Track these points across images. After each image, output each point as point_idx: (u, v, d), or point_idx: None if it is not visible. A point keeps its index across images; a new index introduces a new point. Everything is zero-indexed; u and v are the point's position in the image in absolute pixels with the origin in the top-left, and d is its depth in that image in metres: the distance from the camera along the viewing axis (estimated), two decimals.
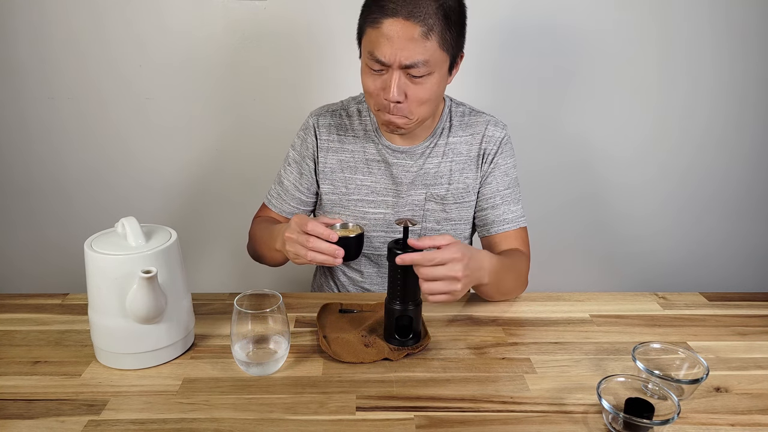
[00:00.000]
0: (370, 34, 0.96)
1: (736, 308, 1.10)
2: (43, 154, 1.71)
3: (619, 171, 1.83)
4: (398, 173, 1.14)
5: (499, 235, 1.15)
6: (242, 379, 0.85)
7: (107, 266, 0.82)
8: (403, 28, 0.92)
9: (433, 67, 0.97)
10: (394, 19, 0.93)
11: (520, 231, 1.16)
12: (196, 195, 1.78)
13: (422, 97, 0.99)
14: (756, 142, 1.81)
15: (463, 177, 1.15)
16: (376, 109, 1.04)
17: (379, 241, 1.18)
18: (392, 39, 0.93)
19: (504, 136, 1.16)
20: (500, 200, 1.15)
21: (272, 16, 1.60)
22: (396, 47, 0.93)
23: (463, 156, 1.15)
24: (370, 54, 0.97)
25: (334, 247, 0.92)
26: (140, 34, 1.60)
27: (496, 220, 1.15)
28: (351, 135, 1.16)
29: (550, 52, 1.67)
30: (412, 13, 0.92)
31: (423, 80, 0.98)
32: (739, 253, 1.94)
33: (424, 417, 0.77)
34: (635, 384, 0.79)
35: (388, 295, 0.93)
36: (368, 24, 0.96)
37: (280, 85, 1.67)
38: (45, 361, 0.88)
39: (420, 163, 1.14)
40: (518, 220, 1.16)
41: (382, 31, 0.94)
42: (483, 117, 1.17)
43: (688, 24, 1.67)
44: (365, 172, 1.15)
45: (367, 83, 1.01)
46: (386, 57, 0.95)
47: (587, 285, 1.92)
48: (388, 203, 1.15)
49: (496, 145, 1.15)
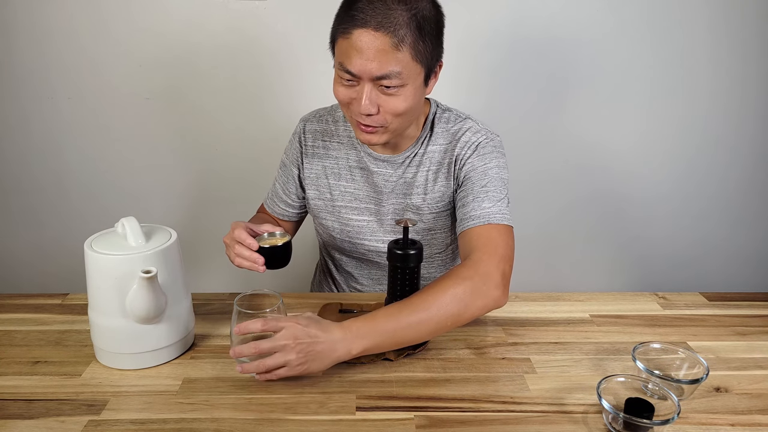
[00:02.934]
0: (341, 44, 0.93)
1: (736, 308, 1.10)
2: (43, 153, 1.71)
3: (619, 172, 1.83)
4: (379, 181, 1.12)
5: (463, 232, 1.00)
6: (242, 379, 0.85)
7: (107, 266, 0.82)
8: (373, 39, 0.89)
9: (406, 79, 0.93)
10: (364, 29, 0.89)
11: (488, 228, 0.97)
12: (196, 195, 1.78)
13: (396, 109, 0.95)
14: (756, 142, 1.81)
15: (438, 186, 1.10)
16: (351, 119, 1.01)
17: (365, 248, 1.16)
18: (362, 50, 0.89)
19: (481, 140, 1.07)
20: (471, 198, 1.03)
21: (272, 16, 1.60)
22: (365, 58, 0.90)
23: (436, 164, 1.09)
24: (340, 65, 0.93)
25: (255, 255, 0.95)
26: (140, 33, 1.60)
27: (463, 217, 1.02)
28: (336, 141, 1.14)
29: (552, 55, 1.67)
30: (381, 24, 0.88)
31: (396, 92, 0.93)
32: (739, 253, 1.94)
33: (424, 417, 0.77)
34: (635, 384, 0.79)
35: (388, 295, 0.93)
36: (339, 33, 0.93)
37: (281, 85, 1.67)
38: (45, 361, 0.89)
39: (399, 173, 1.11)
40: (491, 217, 0.99)
41: (351, 41, 0.90)
42: (466, 123, 1.10)
43: (686, 26, 1.66)
44: (348, 179, 1.14)
45: (339, 93, 0.98)
46: (356, 69, 0.91)
47: (587, 285, 1.92)
48: (371, 210, 1.14)
49: (471, 149, 1.07)
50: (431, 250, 1.17)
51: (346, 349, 0.82)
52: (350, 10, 0.90)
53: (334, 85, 0.99)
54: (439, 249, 1.18)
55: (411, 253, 0.89)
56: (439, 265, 1.21)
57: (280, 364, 0.80)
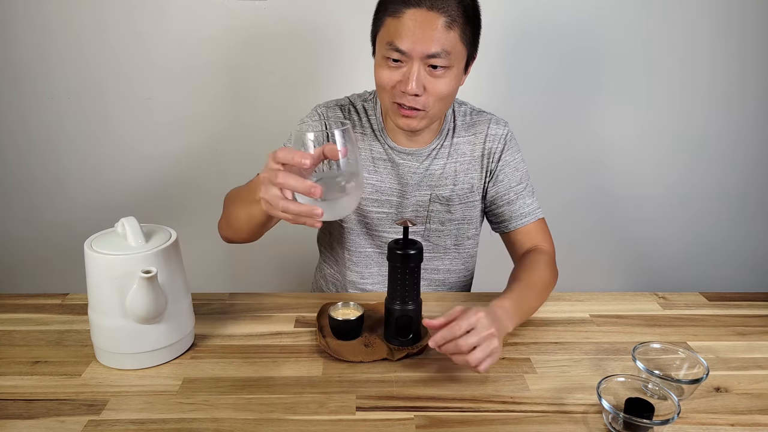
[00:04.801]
0: (389, 24, 0.95)
1: (736, 308, 1.10)
2: (43, 154, 1.71)
3: (619, 172, 1.83)
4: (404, 174, 1.13)
5: (518, 230, 1.14)
6: (242, 379, 0.85)
7: (107, 266, 0.82)
8: (427, 18, 0.92)
9: (453, 61, 0.96)
10: (417, 9, 0.92)
11: (539, 223, 1.15)
12: (196, 195, 1.78)
13: (441, 91, 0.98)
14: (756, 142, 1.81)
15: (468, 177, 1.14)
16: (391, 102, 1.01)
17: (381, 239, 1.17)
18: (414, 29, 0.93)
19: (506, 132, 1.15)
20: (514, 195, 1.14)
21: (272, 16, 1.60)
22: (418, 36, 0.93)
23: (467, 156, 1.14)
24: (389, 44, 0.95)
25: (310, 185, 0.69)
26: (140, 33, 1.60)
27: (513, 215, 1.14)
28: (359, 131, 1.14)
29: (559, 51, 1.67)
30: (434, 4, 0.92)
31: (443, 74, 0.97)
32: (739, 253, 1.94)
33: (424, 417, 0.77)
34: (635, 384, 0.79)
35: (388, 295, 0.93)
36: (388, 14, 0.95)
37: (280, 85, 1.67)
38: (45, 361, 0.88)
39: (426, 165, 1.13)
40: (535, 212, 1.15)
41: (403, 21, 0.93)
42: (484, 116, 1.16)
43: (686, 26, 1.67)
44: (371, 170, 1.13)
45: (383, 76, 0.99)
46: (407, 46, 0.94)
47: (587, 285, 1.92)
48: (392, 203, 1.14)
49: (501, 143, 1.14)
50: (454, 241, 1.19)
51: (507, 329, 0.88)
52: None
53: (376, 69, 1.01)
54: (461, 240, 1.19)
55: (411, 253, 0.89)
56: (465, 258, 1.23)
57: (487, 354, 0.80)
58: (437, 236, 1.18)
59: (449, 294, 1.17)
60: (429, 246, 1.19)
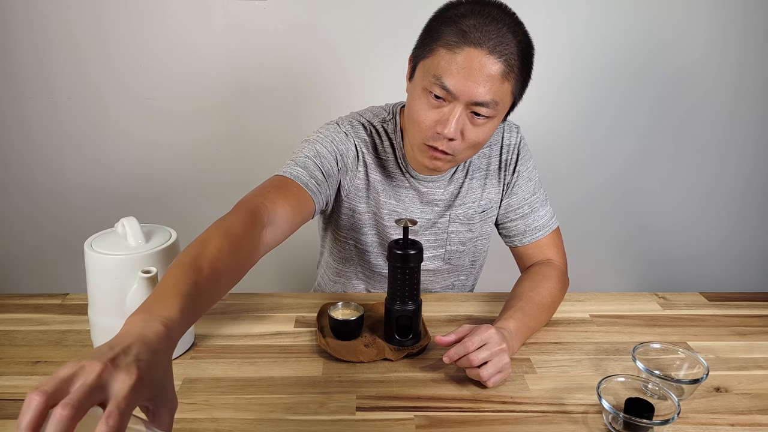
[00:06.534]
0: (441, 56, 0.85)
1: (736, 308, 1.10)
2: (43, 154, 1.71)
3: (619, 173, 1.83)
4: (431, 200, 1.08)
5: (531, 245, 1.10)
6: (242, 379, 0.85)
7: (107, 266, 0.82)
8: (485, 62, 0.83)
9: (498, 111, 0.89)
10: (477, 49, 0.83)
11: (552, 236, 1.11)
12: (196, 195, 1.78)
13: (477, 139, 0.91)
14: (756, 142, 1.81)
15: (486, 192, 1.10)
16: (420, 142, 0.93)
17: None
18: (469, 71, 0.84)
19: (519, 140, 1.10)
20: (528, 208, 1.10)
21: (272, 16, 1.60)
22: (472, 80, 0.84)
23: (483, 171, 1.09)
24: (436, 78, 0.86)
25: None
26: (140, 34, 1.60)
27: (526, 230, 1.10)
28: (382, 156, 1.06)
29: (564, 52, 1.67)
30: (496, 49, 0.83)
31: (484, 123, 0.89)
32: (739, 253, 1.94)
33: (424, 417, 0.77)
34: (635, 384, 0.79)
35: (388, 295, 0.93)
36: (443, 45, 0.85)
37: (280, 86, 1.67)
38: (45, 361, 0.88)
39: (451, 189, 1.08)
40: (549, 224, 1.11)
41: (458, 59, 0.84)
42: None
43: (687, 26, 1.67)
44: (395, 198, 1.07)
45: (421, 114, 0.90)
46: (457, 87, 0.85)
47: (587, 285, 1.92)
48: (416, 231, 1.10)
49: (515, 153, 1.09)
50: (471, 259, 1.16)
51: (513, 350, 0.87)
52: (459, 24, 0.84)
53: (413, 100, 0.92)
54: (477, 256, 1.17)
55: (411, 253, 0.89)
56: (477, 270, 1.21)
57: (498, 369, 0.81)
58: (457, 257, 1.14)
59: (449, 294, 1.17)
60: (448, 268, 1.15)
